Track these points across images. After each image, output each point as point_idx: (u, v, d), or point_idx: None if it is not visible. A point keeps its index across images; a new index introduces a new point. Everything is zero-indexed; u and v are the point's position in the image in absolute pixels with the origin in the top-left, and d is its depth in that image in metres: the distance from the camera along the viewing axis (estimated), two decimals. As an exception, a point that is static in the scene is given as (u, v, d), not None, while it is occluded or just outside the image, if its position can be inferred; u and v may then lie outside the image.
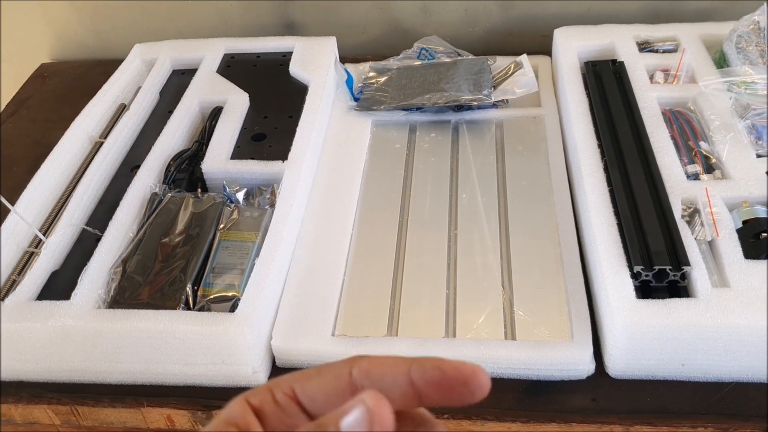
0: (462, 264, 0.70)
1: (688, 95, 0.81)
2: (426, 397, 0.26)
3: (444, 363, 0.26)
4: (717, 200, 0.67)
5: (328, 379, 0.27)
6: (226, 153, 0.79)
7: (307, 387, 0.27)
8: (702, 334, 0.57)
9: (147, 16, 1.14)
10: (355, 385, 0.27)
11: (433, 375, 0.26)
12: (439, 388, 0.26)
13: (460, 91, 0.88)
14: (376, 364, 0.27)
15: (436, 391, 0.26)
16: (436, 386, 0.26)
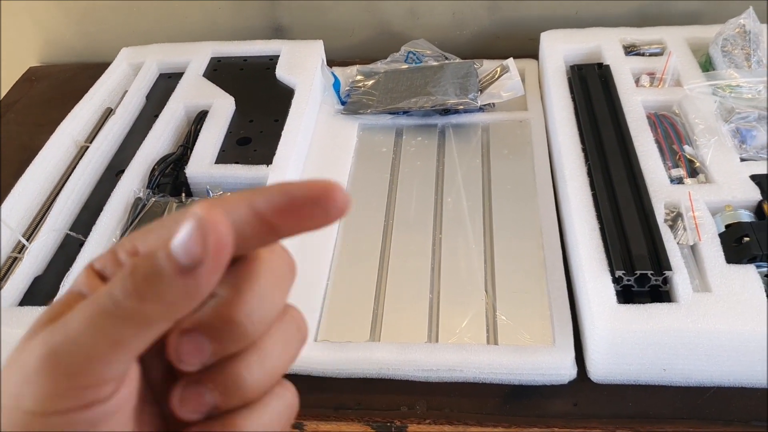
0: (446, 268, 0.70)
1: (674, 99, 0.81)
2: (279, 227, 0.24)
3: (291, 186, 0.24)
4: (700, 204, 0.66)
5: (167, 230, 0.23)
6: (210, 157, 0.79)
7: (149, 240, 0.24)
8: (683, 339, 0.57)
9: (135, 20, 1.13)
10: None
11: (280, 200, 0.24)
12: (290, 214, 0.24)
13: (447, 95, 0.88)
14: (218, 204, 0.23)
15: (288, 217, 0.24)
16: (286, 213, 0.24)
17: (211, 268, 0.21)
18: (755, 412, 0.58)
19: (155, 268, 0.21)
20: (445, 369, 0.62)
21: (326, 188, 0.24)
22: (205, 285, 0.22)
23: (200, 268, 0.21)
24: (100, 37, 1.16)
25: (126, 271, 0.22)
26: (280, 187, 0.24)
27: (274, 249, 0.27)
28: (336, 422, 0.62)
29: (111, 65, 0.98)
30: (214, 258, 0.21)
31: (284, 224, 0.24)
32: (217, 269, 0.22)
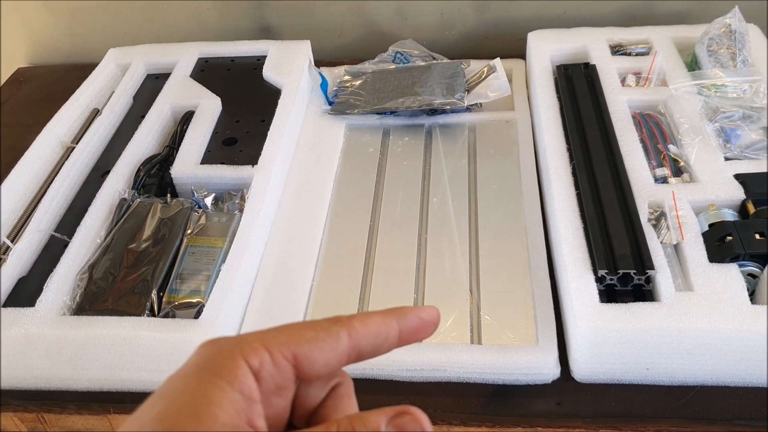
0: (431, 268, 0.70)
1: (659, 98, 0.81)
2: (404, 341, 0.30)
3: (421, 312, 0.31)
4: (683, 203, 0.67)
5: (329, 344, 0.28)
6: (196, 158, 0.79)
7: (310, 352, 0.28)
8: (665, 337, 0.57)
9: (123, 20, 1.13)
10: (353, 348, 0.28)
11: (414, 324, 0.30)
12: (418, 332, 0.30)
13: (434, 95, 0.88)
14: (368, 325, 0.29)
15: (414, 335, 0.30)
16: (415, 332, 0.30)
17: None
18: (738, 411, 0.58)
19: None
20: (429, 369, 0.62)
21: (436, 316, 0.31)
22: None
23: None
24: (88, 38, 1.16)
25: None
26: (413, 312, 0.30)
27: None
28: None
29: (98, 66, 0.98)
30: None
31: (407, 341, 0.30)
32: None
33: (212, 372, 0.26)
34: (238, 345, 0.27)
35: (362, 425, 0.26)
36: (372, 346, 0.29)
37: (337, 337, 0.28)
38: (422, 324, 0.31)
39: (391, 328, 0.30)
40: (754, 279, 0.62)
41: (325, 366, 0.28)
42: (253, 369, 0.27)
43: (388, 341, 0.30)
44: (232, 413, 0.25)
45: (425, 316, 0.31)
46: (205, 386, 0.26)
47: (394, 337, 0.30)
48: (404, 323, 0.30)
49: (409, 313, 0.30)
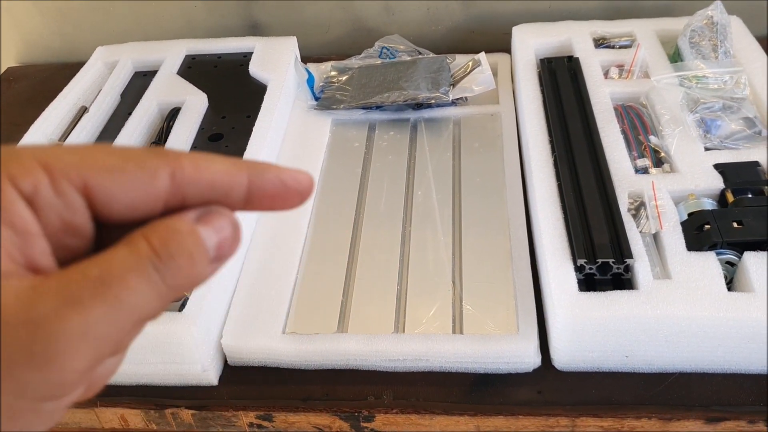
0: (414, 260, 0.71)
1: (641, 90, 0.81)
2: (256, 205, 0.24)
3: (284, 173, 0.25)
4: (663, 193, 0.67)
5: (139, 178, 0.22)
6: (182, 153, 0.79)
7: (109, 184, 0.22)
8: (643, 325, 0.58)
9: (112, 19, 1.14)
10: (174, 193, 0.23)
11: (272, 186, 0.24)
12: (275, 198, 0.25)
13: (419, 89, 0.88)
14: (203, 169, 0.23)
15: (270, 200, 0.25)
16: (271, 197, 0.25)
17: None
18: (716, 397, 0.59)
19: (195, 262, 0.22)
20: (411, 359, 0.63)
21: (311, 183, 0.25)
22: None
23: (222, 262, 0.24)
24: (77, 37, 1.17)
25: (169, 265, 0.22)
26: (274, 173, 0.24)
27: None
28: (304, 413, 0.62)
29: (86, 64, 0.99)
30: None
31: (262, 205, 0.25)
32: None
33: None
34: (4, 162, 0.20)
35: (175, 223, 0.22)
36: (204, 199, 0.23)
37: (153, 173, 0.22)
38: (283, 188, 0.24)
39: (237, 182, 0.24)
40: (731, 267, 0.62)
41: (129, 207, 0.22)
42: (24, 194, 0.20)
43: (229, 199, 0.24)
44: (2, 257, 0.20)
45: (289, 180, 0.24)
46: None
47: (239, 195, 0.24)
48: (258, 180, 0.24)
49: (269, 171, 0.24)
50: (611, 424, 0.59)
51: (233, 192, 0.24)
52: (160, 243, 0.21)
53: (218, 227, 0.23)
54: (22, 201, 0.20)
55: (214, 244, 0.23)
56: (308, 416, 0.62)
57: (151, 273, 0.21)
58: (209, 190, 0.23)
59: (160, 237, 0.21)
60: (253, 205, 0.24)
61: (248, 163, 0.24)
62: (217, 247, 0.23)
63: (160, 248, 0.21)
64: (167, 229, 0.22)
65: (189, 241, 0.22)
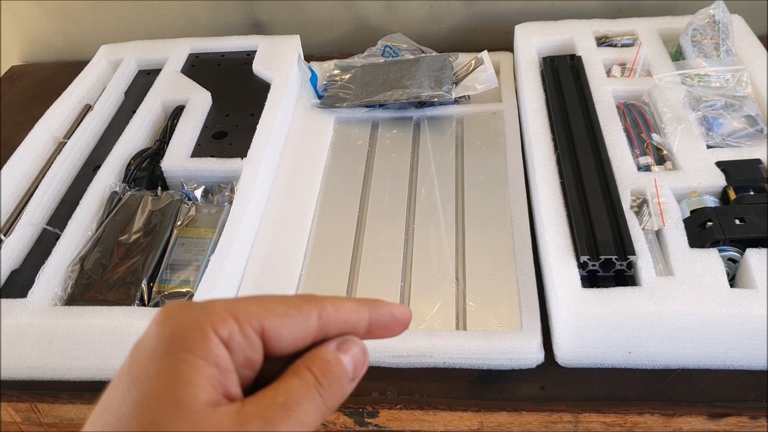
0: (417, 257, 0.71)
1: (643, 88, 0.82)
2: (373, 335, 0.31)
3: (394, 309, 0.31)
4: (665, 190, 0.68)
5: (299, 321, 0.28)
6: (186, 151, 0.80)
7: (279, 327, 0.28)
8: (646, 321, 0.58)
9: (115, 18, 1.14)
10: (320, 329, 0.29)
11: (386, 320, 0.31)
12: (387, 328, 0.31)
13: (422, 88, 0.89)
14: (340, 310, 0.29)
15: (383, 330, 0.31)
16: (384, 327, 0.31)
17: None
18: (718, 393, 0.59)
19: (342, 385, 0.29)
20: (415, 355, 0.63)
21: (409, 317, 0.32)
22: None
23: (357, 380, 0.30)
24: (80, 35, 1.17)
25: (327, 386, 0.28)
26: (385, 308, 0.31)
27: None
28: (309, 409, 0.62)
29: (90, 62, 0.99)
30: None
31: (377, 335, 0.31)
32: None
33: (183, 348, 0.25)
34: (206, 315, 0.26)
35: (324, 355, 0.28)
36: (339, 332, 0.29)
37: (308, 316, 0.28)
38: (393, 321, 0.31)
39: (362, 318, 0.30)
40: (733, 263, 0.63)
41: (292, 343, 0.28)
42: (223, 340, 0.26)
43: (356, 330, 0.30)
44: (211, 390, 0.25)
45: (398, 314, 0.31)
46: (179, 366, 0.25)
47: (363, 328, 0.30)
48: (376, 316, 0.30)
49: (383, 308, 0.31)
50: (614, 419, 0.59)
51: (359, 326, 0.30)
52: (320, 373, 0.28)
53: (353, 353, 0.29)
54: (222, 345, 0.26)
55: (352, 368, 0.29)
56: (313, 412, 0.63)
57: (317, 398, 0.27)
58: (343, 325, 0.29)
59: (318, 368, 0.28)
60: (371, 334, 0.31)
61: (369, 301, 0.31)
62: (353, 370, 0.29)
63: (321, 377, 0.28)
64: (322, 361, 0.28)
65: (337, 369, 0.28)
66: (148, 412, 0.24)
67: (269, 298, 0.28)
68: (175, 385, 0.24)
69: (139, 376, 0.25)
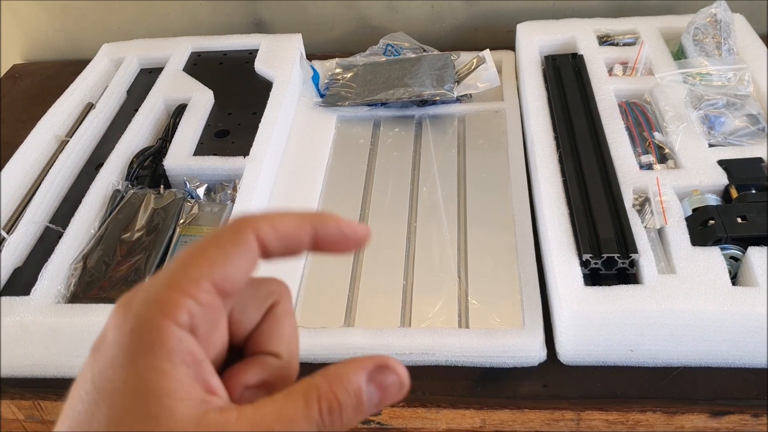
0: (420, 255, 0.71)
1: (645, 87, 0.82)
2: (320, 250, 0.28)
3: (343, 225, 0.28)
4: (667, 189, 0.68)
5: (242, 257, 0.26)
6: (188, 149, 0.80)
7: (226, 273, 0.26)
8: (648, 319, 0.58)
9: (116, 17, 1.14)
10: (266, 250, 0.27)
11: (333, 235, 0.28)
12: (337, 244, 0.28)
13: (423, 87, 0.89)
14: (278, 226, 0.27)
15: (332, 246, 0.28)
16: (333, 243, 0.28)
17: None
18: (720, 391, 0.59)
19: (352, 420, 0.25)
20: (417, 353, 0.63)
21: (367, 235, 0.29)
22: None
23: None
24: (81, 34, 1.17)
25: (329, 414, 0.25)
26: (335, 225, 0.28)
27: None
28: (311, 407, 0.63)
29: (92, 61, 0.99)
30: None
31: (322, 250, 0.28)
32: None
33: (146, 353, 0.23)
34: (159, 308, 0.24)
35: (344, 390, 0.25)
36: (281, 249, 0.27)
37: (248, 246, 0.26)
38: (342, 237, 0.28)
39: (305, 233, 0.27)
40: (735, 262, 0.63)
41: (244, 278, 0.26)
42: (184, 327, 0.24)
43: (300, 246, 0.28)
44: (185, 394, 0.23)
45: (347, 230, 0.28)
46: (145, 376, 0.23)
47: (306, 243, 0.28)
48: (322, 230, 0.28)
49: (329, 222, 0.28)
50: (616, 417, 0.60)
51: (303, 241, 0.27)
52: (327, 412, 0.24)
53: (387, 384, 0.26)
54: (185, 333, 0.24)
55: (377, 400, 0.26)
56: (315, 410, 0.63)
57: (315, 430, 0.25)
58: (285, 244, 0.27)
59: (328, 402, 0.25)
60: (319, 249, 0.28)
61: (313, 215, 0.28)
62: (379, 402, 0.26)
63: (326, 416, 0.24)
64: (335, 400, 0.25)
65: (351, 403, 0.25)
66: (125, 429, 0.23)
67: (201, 250, 0.26)
68: (147, 398, 0.23)
69: (106, 389, 0.23)
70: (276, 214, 0.27)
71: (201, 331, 0.25)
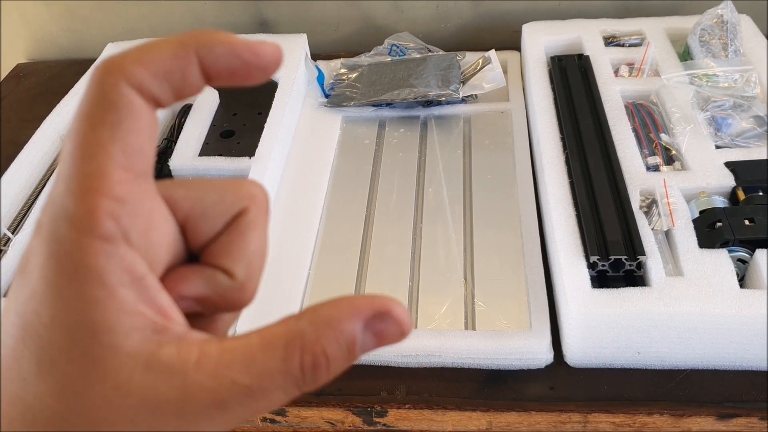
0: (425, 256, 0.71)
1: (651, 88, 0.82)
2: (217, 82, 0.23)
3: (238, 46, 0.23)
4: (674, 191, 0.68)
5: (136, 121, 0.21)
6: (194, 150, 0.80)
7: (129, 149, 0.21)
8: (655, 321, 0.58)
9: (121, 16, 1.14)
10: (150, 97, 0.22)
11: (227, 62, 0.23)
12: (234, 74, 0.23)
13: (429, 87, 0.89)
14: (152, 64, 0.21)
15: (229, 77, 0.23)
16: (229, 72, 0.23)
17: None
18: (727, 394, 0.59)
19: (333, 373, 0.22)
20: (424, 354, 0.63)
21: (271, 55, 0.23)
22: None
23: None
24: (86, 33, 1.17)
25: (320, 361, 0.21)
26: (228, 48, 0.22)
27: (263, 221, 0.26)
28: (317, 408, 0.63)
29: (97, 60, 0.99)
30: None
31: (221, 80, 0.23)
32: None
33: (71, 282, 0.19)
34: (71, 224, 0.19)
35: (335, 341, 0.21)
36: (168, 91, 0.22)
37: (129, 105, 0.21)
38: (240, 62, 0.23)
39: (188, 64, 0.22)
40: (743, 264, 0.62)
41: (150, 142, 0.22)
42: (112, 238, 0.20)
43: (189, 81, 0.22)
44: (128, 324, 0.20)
45: (245, 54, 0.23)
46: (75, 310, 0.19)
47: (195, 75, 0.22)
48: (209, 57, 0.22)
49: (217, 45, 0.22)
50: (623, 419, 0.59)
51: (190, 75, 0.22)
52: (310, 368, 0.21)
53: (383, 335, 0.22)
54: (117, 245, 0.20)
55: (367, 350, 0.22)
56: (321, 411, 0.63)
57: (293, 390, 0.21)
58: (166, 78, 0.22)
59: (314, 358, 0.21)
60: (213, 82, 0.23)
61: (195, 37, 0.22)
62: (368, 351, 0.22)
63: (308, 373, 0.21)
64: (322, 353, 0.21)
65: (339, 367, 0.22)
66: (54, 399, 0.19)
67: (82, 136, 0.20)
68: (81, 336, 0.19)
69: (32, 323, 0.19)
70: (143, 47, 0.21)
71: (134, 234, 0.20)
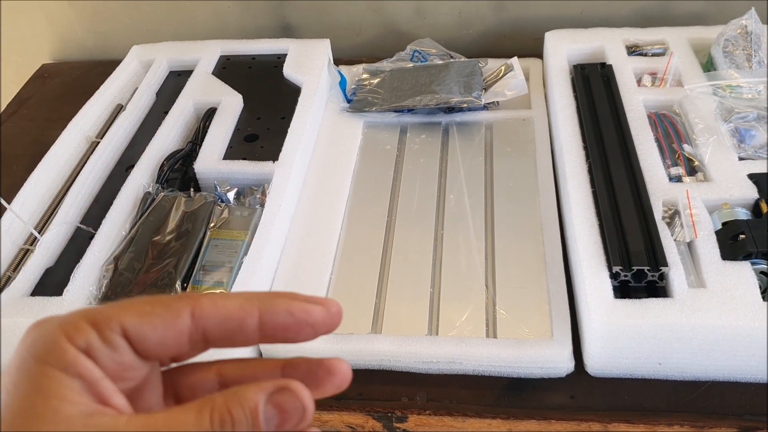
0: (447, 263, 0.72)
1: (674, 98, 0.82)
2: (270, 337, 0.26)
3: (295, 308, 0.26)
4: (697, 202, 0.68)
5: (163, 319, 0.26)
6: (218, 153, 0.81)
7: (140, 326, 0.25)
8: (677, 333, 0.58)
9: (145, 18, 1.15)
10: (196, 328, 0.26)
11: (283, 320, 0.26)
12: (287, 330, 0.26)
13: (451, 93, 0.89)
14: (219, 306, 0.26)
15: (282, 332, 0.26)
16: (283, 329, 0.26)
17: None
18: (749, 406, 0.59)
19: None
20: (445, 361, 0.63)
21: (323, 317, 0.27)
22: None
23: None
24: (110, 35, 1.18)
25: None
26: (285, 305, 0.26)
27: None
28: (338, 412, 0.63)
29: (122, 63, 1.00)
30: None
31: (278, 338, 0.27)
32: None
33: (41, 361, 0.24)
34: (60, 326, 0.25)
35: (239, 406, 0.24)
36: (223, 331, 0.26)
37: (176, 313, 0.26)
38: (294, 322, 0.26)
39: (249, 316, 0.26)
40: (766, 277, 0.62)
41: (161, 344, 0.26)
42: (81, 349, 0.24)
43: (244, 330, 0.26)
44: (76, 400, 0.24)
45: (299, 314, 0.26)
46: (37, 379, 0.24)
47: (252, 328, 0.26)
48: (269, 315, 0.26)
49: (279, 305, 0.26)
50: (643, 430, 0.60)
51: (246, 325, 0.26)
52: (220, 422, 0.24)
53: (285, 409, 0.25)
54: (81, 354, 0.24)
55: (275, 424, 0.25)
56: (342, 415, 0.63)
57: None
58: (225, 324, 0.26)
59: (220, 414, 0.24)
60: (267, 336, 0.26)
61: (262, 296, 0.26)
62: (278, 427, 0.25)
63: (218, 427, 0.24)
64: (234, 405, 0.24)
65: (244, 420, 0.24)
66: (13, 425, 0.23)
67: (139, 300, 0.26)
68: (34, 397, 0.23)
69: (7, 388, 0.24)
70: (225, 294, 0.27)
71: (104, 364, 0.25)
